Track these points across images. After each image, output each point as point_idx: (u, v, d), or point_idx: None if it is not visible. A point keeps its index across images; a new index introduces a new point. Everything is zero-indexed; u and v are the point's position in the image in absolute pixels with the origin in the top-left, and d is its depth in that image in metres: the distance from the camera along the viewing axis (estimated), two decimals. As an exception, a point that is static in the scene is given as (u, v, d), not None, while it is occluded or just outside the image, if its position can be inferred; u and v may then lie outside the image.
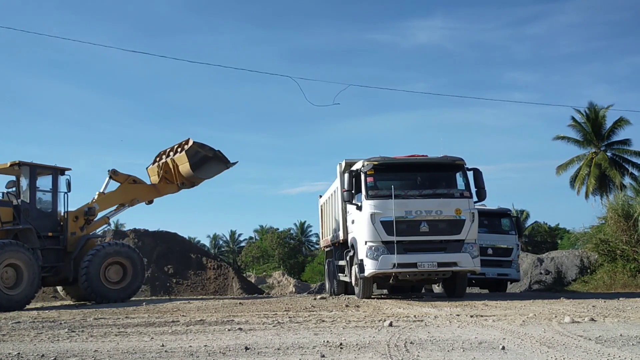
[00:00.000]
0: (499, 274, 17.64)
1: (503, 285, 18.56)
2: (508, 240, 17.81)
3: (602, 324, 7.12)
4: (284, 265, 52.98)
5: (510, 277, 18.01)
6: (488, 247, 17.24)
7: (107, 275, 14.06)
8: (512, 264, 17.75)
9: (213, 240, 69.69)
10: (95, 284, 13.68)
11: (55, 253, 13.86)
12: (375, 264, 11.62)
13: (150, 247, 23.97)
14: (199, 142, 15.54)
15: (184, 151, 15.43)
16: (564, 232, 51.60)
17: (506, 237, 17.83)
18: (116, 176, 15.48)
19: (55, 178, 14.14)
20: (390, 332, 6.55)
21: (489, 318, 7.84)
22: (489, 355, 5.04)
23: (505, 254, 17.67)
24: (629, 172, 35.53)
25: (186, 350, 5.49)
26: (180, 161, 15.56)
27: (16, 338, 6.77)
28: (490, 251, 17.29)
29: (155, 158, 16.76)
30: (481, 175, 12.30)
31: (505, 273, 17.69)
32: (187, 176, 15.85)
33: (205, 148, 15.76)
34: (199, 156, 15.62)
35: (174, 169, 15.78)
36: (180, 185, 16.10)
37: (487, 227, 17.62)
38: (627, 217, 17.09)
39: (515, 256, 17.91)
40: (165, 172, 15.96)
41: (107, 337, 6.66)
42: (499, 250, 17.56)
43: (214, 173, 16.31)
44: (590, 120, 36.18)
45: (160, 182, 16.03)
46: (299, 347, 5.60)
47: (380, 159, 12.23)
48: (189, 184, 16.23)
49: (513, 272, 17.82)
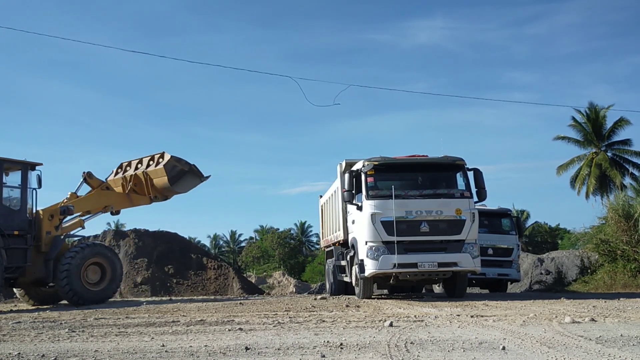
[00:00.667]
0: (500, 274, 17.64)
1: (503, 286, 18.56)
2: (508, 240, 17.81)
3: (603, 324, 7.12)
4: (284, 266, 52.98)
5: (511, 277, 18.00)
6: (488, 247, 17.25)
7: (86, 276, 13.71)
8: (512, 264, 17.75)
9: (213, 241, 69.77)
10: (76, 285, 13.32)
11: (22, 253, 13.12)
12: (375, 264, 11.62)
13: (151, 247, 23.99)
14: (175, 156, 15.54)
15: (160, 165, 15.29)
16: (565, 232, 51.60)
17: (506, 237, 17.83)
18: (90, 179, 15.27)
19: (25, 173, 13.48)
20: (390, 332, 6.55)
21: (490, 318, 7.84)
22: (489, 356, 5.04)
23: (505, 254, 17.67)
24: (630, 172, 35.54)
25: (186, 350, 5.49)
26: (156, 175, 15.43)
27: (16, 338, 6.77)
28: (490, 251, 17.29)
29: (117, 169, 16.37)
30: (481, 176, 12.31)
31: (506, 273, 17.68)
32: (163, 190, 15.77)
33: (182, 162, 15.77)
34: (176, 170, 15.58)
35: (146, 182, 15.54)
36: (153, 198, 15.92)
37: (488, 227, 17.60)
38: (628, 217, 17.09)
39: (515, 256, 17.91)
40: (135, 184, 15.68)
41: (107, 337, 6.67)
42: (499, 251, 17.57)
43: (190, 187, 16.33)
44: (591, 120, 36.19)
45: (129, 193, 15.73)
46: (299, 347, 5.60)
47: (381, 159, 12.23)
48: (162, 197, 16.15)
49: (513, 272, 17.81)
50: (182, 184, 15.92)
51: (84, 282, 13.62)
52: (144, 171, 15.54)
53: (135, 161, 16.11)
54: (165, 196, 16.23)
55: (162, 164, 15.29)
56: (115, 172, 16.40)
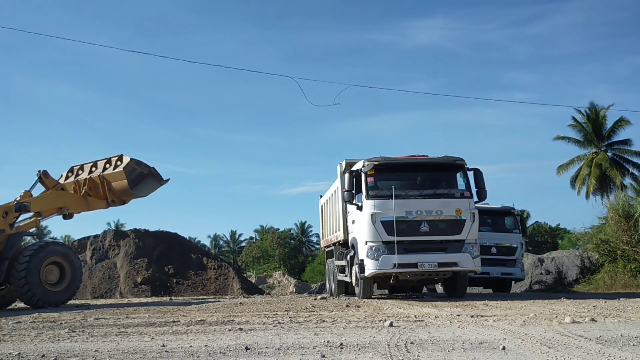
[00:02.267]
0: (503, 273, 17.39)
1: (507, 285, 18.34)
2: (512, 238, 17.60)
3: (603, 324, 7.11)
4: (284, 266, 52.95)
5: (515, 277, 17.78)
6: (492, 246, 17.07)
7: (45, 276, 13.28)
8: (516, 262, 17.53)
9: (213, 241, 69.80)
10: (35, 287, 12.86)
11: None
12: (375, 264, 11.62)
13: (151, 247, 23.99)
14: (134, 158, 15.15)
15: (119, 168, 14.91)
16: (565, 232, 51.61)
17: (510, 235, 17.63)
18: (46, 179, 14.86)
19: None
20: (390, 332, 6.55)
21: (490, 318, 7.83)
22: (489, 356, 5.04)
23: (509, 252, 17.45)
24: (630, 172, 35.54)
25: (187, 350, 5.49)
26: (115, 178, 15.04)
27: (17, 338, 6.77)
28: (494, 250, 17.11)
29: (68, 173, 15.90)
30: (481, 175, 12.31)
31: (510, 272, 17.45)
32: (122, 194, 15.41)
33: (142, 165, 15.42)
34: (136, 173, 15.24)
35: (103, 185, 15.15)
36: (110, 202, 15.46)
37: (491, 225, 17.46)
38: (628, 217, 17.08)
39: (519, 255, 17.72)
40: (90, 188, 15.26)
41: (107, 337, 6.66)
42: (502, 249, 17.35)
43: (149, 190, 15.98)
44: (591, 120, 36.19)
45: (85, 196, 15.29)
46: (299, 347, 5.60)
47: (381, 159, 12.23)
48: (119, 201, 15.76)
49: (517, 271, 17.59)
50: (141, 188, 15.58)
51: (43, 283, 13.14)
52: (100, 174, 15.10)
53: (89, 164, 15.65)
54: (123, 200, 15.85)
55: (121, 167, 14.89)
56: (65, 175, 15.87)
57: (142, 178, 15.48)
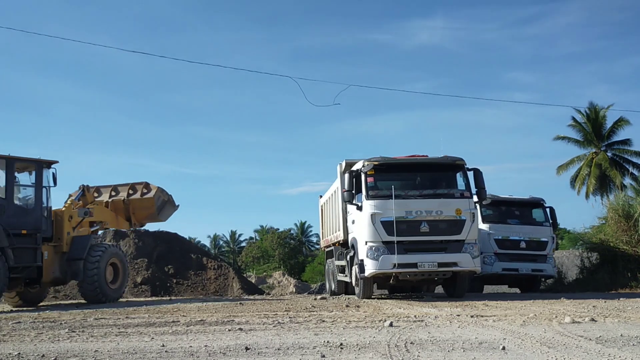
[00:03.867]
0: (534, 269, 16.21)
1: (537, 283, 17.00)
2: (542, 232, 16.45)
3: (603, 324, 7.12)
4: (284, 266, 52.93)
5: (546, 274, 16.54)
6: (521, 240, 16.13)
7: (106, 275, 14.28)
8: (547, 258, 16.36)
9: (213, 241, 69.85)
10: (102, 285, 13.97)
11: (31, 252, 12.84)
12: (375, 264, 11.62)
13: (151, 247, 23.95)
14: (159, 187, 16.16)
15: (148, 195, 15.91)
16: (565, 232, 51.55)
17: (540, 228, 16.50)
18: (88, 193, 15.77)
19: (40, 172, 13.22)
20: (390, 332, 6.55)
21: (489, 318, 7.84)
22: (489, 356, 5.04)
23: (539, 247, 16.30)
24: (629, 172, 35.57)
25: (186, 351, 5.49)
26: (142, 204, 15.98)
27: (16, 338, 6.77)
28: (523, 244, 16.12)
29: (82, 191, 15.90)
30: (481, 175, 12.32)
31: (540, 269, 16.27)
32: (147, 218, 16.50)
33: (164, 192, 16.44)
34: (161, 200, 16.27)
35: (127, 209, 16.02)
36: (133, 225, 16.62)
37: (519, 218, 16.67)
38: (628, 217, 17.10)
39: (550, 250, 16.52)
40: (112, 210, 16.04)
41: (107, 337, 6.66)
42: (532, 244, 16.22)
43: (168, 216, 17.02)
44: (591, 120, 36.22)
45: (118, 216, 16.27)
46: (299, 347, 5.60)
47: (381, 159, 12.23)
48: (139, 224, 16.94)
49: (549, 268, 16.39)
50: (163, 214, 16.67)
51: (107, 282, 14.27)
52: (125, 199, 15.98)
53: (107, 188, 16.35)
54: (141, 224, 17.02)
55: (150, 194, 15.91)
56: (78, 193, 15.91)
57: (164, 204, 16.56)
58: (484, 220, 16.04)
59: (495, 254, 16.06)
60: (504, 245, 16.16)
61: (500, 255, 16.08)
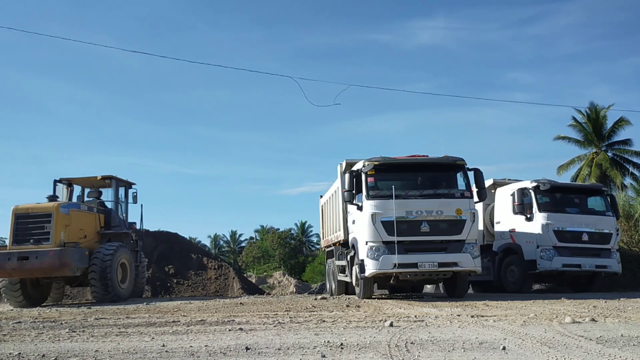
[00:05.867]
0: (597, 265, 14.42)
1: (598, 281, 15.12)
2: (605, 223, 14.69)
3: (603, 324, 7.12)
4: (284, 266, 52.89)
5: (610, 270, 14.64)
6: (582, 232, 14.36)
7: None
8: (611, 253, 14.61)
9: (214, 241, 69.81)
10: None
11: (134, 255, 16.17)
12: (375, 264, 11.62)
13: (151, 247, 23.95)
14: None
15: None
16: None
17: (603, 219, 14.74)
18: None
19: (127, 191, 16.50)
20: (390, 332, 6.55)
21: (490, 318, 7.84)
22: (489, 356, 5.04)
23: (603, 240, 14.56)
24: (630, 172, 35.52)
25: (187, 351, 5.49)
26: None
27: (17, 338, 6.77)
28: (585, 237, 14.36)
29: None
30: (482, 175, 12.33)
31: (604, 264, 14.45)
32: None
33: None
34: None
35: None
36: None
37: (578, 206, 15.04)
38: (628, 217, 17.13)
39: (614, 243, 14.77)
40: None
41: (107, 337, 6.67)
42: (595, 236, 14.49)
43: None
44: (591, 120, 36.17)
45: None
46: (299, 347, 5.60)
47: (381, 159, 12.23)
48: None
49: (613, 264, 14.57)
50: None
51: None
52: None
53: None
54: None
55: None
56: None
57: None
58: (540, 208, 14.61)
59: (554, 247, 14.32)
60: (564, 238, 14.42)
61: (560, 249, 14.31)
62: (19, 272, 13.34)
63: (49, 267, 13.37)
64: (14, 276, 13.59)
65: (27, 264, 13.20)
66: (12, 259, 13.21)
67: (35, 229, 13.80)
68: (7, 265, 13.21)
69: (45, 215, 13.88)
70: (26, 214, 13.94)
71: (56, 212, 13.87)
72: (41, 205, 14.21)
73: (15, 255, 13.26)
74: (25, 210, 14.00)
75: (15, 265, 13.19)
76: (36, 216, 13.93)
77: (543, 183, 14.80)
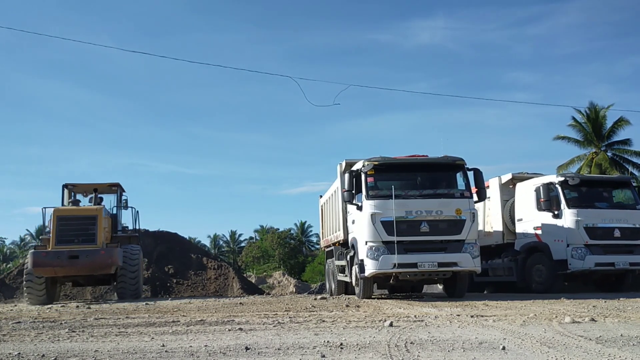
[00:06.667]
0: (632, 263, 13.43)
1: (629, 280, 14.11)
2: (636, 217, 13.80)
3: (603, 324, 7.12)
4: (284, 266, 52.88)
5: None
6: (614, 229, 13.46)
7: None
8: None
9: (213, 241, 69.76)
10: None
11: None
12: (375, 264, 11.61)
13: (151, 247, 23.96)
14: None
15: None
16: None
17: (634, 213, 13.87)
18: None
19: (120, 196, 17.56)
20: (390, 332, 6.55)
21: (490, 318, 7.84)
22: (489, 356, 5.04)
23: (634, 236, 13.68)
24: (630, 172, 35.49)
25: (187, 350, 5.49)
26: None
27: (17, 338, 6.77)
28: (617, 233, 13.45)
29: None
30: (481, 175, 12.33)
31: (638, 262, 13.51)
32: None
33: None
34: None
35: None
36: None
37: (607, 201, 14.26)
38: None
39: None
40: None
41: (107, 337, 6.66)
42: (626, 232, 13.57)
43: None
44: (591, 120, 36.15)
45: None
46: (299, 347, 5.60)
47: (381, 159, 12.23)
48: None
49: None
50: None
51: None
52: None
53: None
54: None
55: None
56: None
57: None
58: (568, 204, 13.76)
59: (586, 245, 13.42)
60: (595, 235, 13.54)
61: (592, 247, 13.43)
62: (68, 269, 14.46)
63: (99, 265, 14.65)
64: (60, 274, 14.76)
65: (78, 262, 14.36)
66: (62, 257, 14.28)
67: (79, 230, 14.98)
68: (56, 263, 14.27)
69: (91, 217, 15.18)
70: (70, 216, 15.15)
71: (100, 215, 15.26)
72: (86, 208, 15.78)
73: (65, 254, 14.33)
74: (70, 212, 15.33)
75: (66, 262, 14.26)
76: (81, 218, 15.24)
77: (572, 177, 13.90)
